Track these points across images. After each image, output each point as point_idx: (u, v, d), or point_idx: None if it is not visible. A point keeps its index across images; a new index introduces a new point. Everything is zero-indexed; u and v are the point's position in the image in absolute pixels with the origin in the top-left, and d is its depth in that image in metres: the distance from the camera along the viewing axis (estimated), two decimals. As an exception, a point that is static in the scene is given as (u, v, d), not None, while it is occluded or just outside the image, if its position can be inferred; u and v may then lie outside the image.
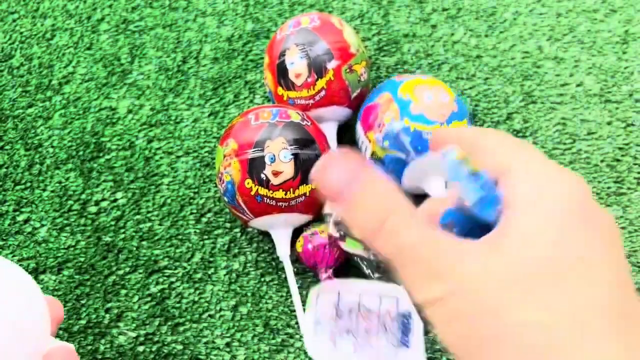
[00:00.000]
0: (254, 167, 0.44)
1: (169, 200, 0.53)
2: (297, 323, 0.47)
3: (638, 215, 0.51)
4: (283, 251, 0.47)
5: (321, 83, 0.49)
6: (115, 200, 0.53)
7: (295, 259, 0.49)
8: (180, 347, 0.46)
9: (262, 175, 0.44)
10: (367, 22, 0.62)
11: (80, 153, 0.56)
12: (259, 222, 0.46)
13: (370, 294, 0.45)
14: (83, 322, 0.48)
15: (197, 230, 0.51)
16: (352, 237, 0.45)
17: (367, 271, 0.47)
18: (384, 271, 0.46)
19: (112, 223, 0.52)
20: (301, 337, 0.46)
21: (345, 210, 0.22)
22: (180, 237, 0.51)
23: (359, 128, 0.50)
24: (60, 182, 0.54)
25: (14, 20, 0.64)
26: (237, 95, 0.58)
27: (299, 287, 0.48)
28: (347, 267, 0.49)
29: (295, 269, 0.49)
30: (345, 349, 0.43)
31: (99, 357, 0.46)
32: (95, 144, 0.56)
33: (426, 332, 0.45)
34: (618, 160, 0.53)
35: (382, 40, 0.61)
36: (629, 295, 0.20)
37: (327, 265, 0.47)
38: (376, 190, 0.22)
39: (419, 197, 0.49)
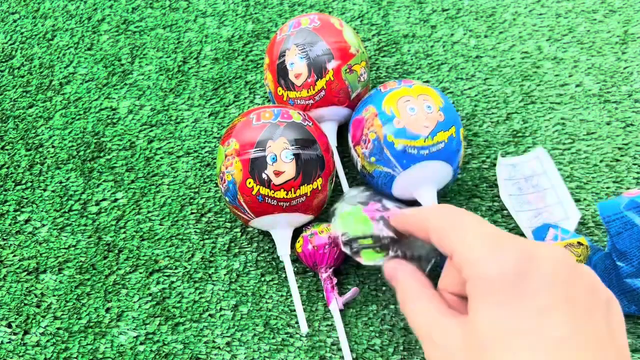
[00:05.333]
0: (255, 167, 0.44)
1: (169, 200, 0.53)
2: (297, 322, 0.47)
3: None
4: (283, 251, 0.47)
5: (321, 83, 0.49)
6: (116, 200, 0.53)
7: (296, 258, 0.49)
8: (180, 346, 0.47)
9: (264, 175, 0.44)
10: (367, 23, 0.62)
11: (81, 153, 0.56)
12: (260, 222, 0.46)
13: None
14: (83, 321, 0.48)
15: (198, 230, 0.51)
16: (368, 248, 0.45)
17: None
18: None
19: (113, 223, 0.52)
20: (301, 336, 0.46)
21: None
22: (180, 236, 0.51)
23: (349, 140, 0.50)
24: (60, 182, 0.55)
25: (14, 21, 0.64)
26: (238, 96, 0.58)
27: (299, 287, 0.48)
28: (347, 266, 0.49)
29: (295, 269, 0.49)
30: None
31: (99, 356, 0.46)
32: (96, 144, 0.56)
33: None
34: (617, 160, 0.53)
35: (382, 40, 0.61)
36: None
37: (327, 265, 0.47)
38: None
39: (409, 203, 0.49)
